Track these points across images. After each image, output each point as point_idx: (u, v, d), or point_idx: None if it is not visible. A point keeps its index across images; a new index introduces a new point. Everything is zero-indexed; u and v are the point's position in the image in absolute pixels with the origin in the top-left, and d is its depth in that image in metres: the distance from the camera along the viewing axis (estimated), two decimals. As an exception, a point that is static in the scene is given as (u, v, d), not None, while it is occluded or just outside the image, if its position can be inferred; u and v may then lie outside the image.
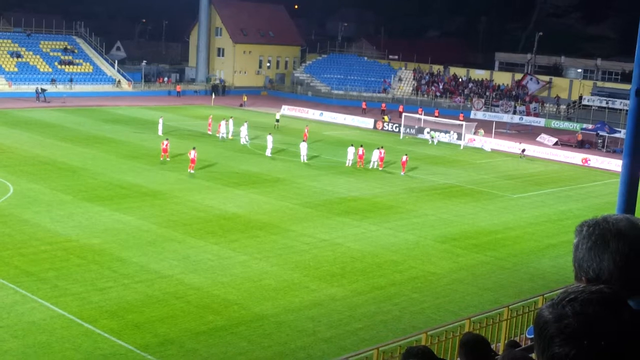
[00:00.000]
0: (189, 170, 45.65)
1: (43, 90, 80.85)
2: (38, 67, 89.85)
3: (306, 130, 60.39)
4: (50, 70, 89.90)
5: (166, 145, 49.56)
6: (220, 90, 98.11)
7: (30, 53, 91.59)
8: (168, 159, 48.98)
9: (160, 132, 59.49)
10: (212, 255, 29.62)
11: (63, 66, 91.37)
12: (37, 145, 52.07)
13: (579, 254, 2.56)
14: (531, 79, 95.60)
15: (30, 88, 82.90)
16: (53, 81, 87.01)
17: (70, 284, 25.44)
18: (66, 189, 39.46)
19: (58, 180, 41.32)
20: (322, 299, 25.63)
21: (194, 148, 46.94)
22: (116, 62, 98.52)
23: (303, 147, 52.43)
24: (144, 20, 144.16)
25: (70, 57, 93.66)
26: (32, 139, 55.00)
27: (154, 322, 22.76)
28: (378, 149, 52.23)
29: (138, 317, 23.04)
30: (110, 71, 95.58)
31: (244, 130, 58.69)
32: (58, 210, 35.11)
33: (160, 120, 61.21)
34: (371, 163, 51.38)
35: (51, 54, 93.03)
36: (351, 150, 51.61)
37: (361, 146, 52.44)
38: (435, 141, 66.15)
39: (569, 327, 2.14)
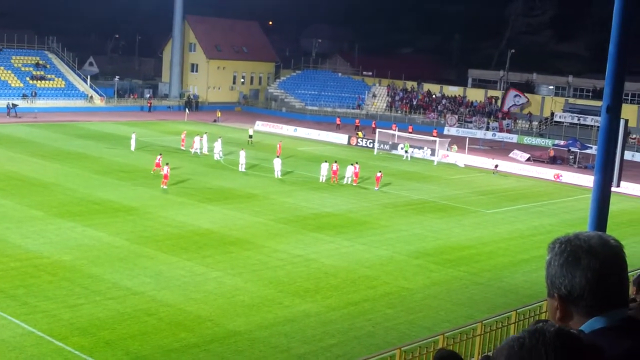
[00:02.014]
0: (161, 186, 45.38)
1: (14, 105, 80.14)
2: (9, 82, 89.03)
3: (279, 146, 60.33)
4: (21, 85, 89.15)
5: (159, 159, 49.79)
6: (193, 105, 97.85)
7: (2, 68, 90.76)
8: (153, 172, 48.89)
9: (132, 148, 59.20)
10: (185, 272, 29.41)
11: (35, 81, 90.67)
12: (7, 161, 51.51)
13: (551, 271, 2.55)
14: (515, 95, 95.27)
15: (1, 103, 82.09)
16: (25, 96, 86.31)
17: (41, 301, 25.11)
18: (37, 204, 39.05)
19: (29, 196, 40.88)
20: (295, 315, 25.52)
21: (167, 164, 46.72)
22: (89, 77, 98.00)
23: (277, 163, 52.39)
24: (117, 36, 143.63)
25: (42, 73, 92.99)
26: (3, 154, 54.41)
27: (126, 339, 22.51)
28: (352, 164, 52.33)
29: (109, 334, 22.77)
30: (83, 86, 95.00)
31: (217, 145, 58.57)
32: (28, 226, 34.71)
33: (133, 136, 60.87)
34: (345, 179, 51.44)
35: (23, 69, 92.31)
36: (325, 166, 51.62)
37: (335, 162, 52.53)
38: (409, 156, 66.38)
39: None
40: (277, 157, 54.02)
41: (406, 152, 67.00)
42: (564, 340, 2.15)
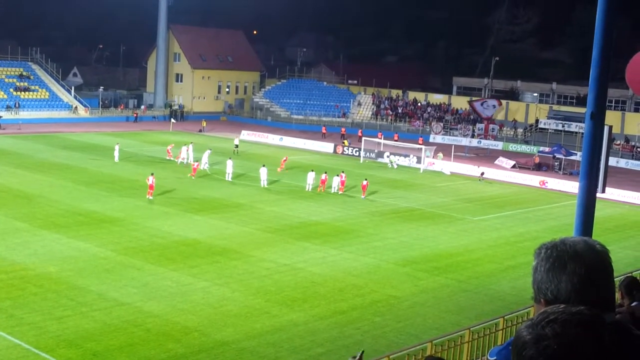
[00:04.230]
0: (147, 196, 45.21)
1: (-2, 116, 79.77)
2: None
3: (284, 160, 60.23)
4: (5, 96, 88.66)
5: (196, 165, 54.01)
6: (179, 115, 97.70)
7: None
8: (192, 177, 52.74)
9: (116, 159, 58.94)
10: (172, 282, 29.30)
11: (18, 92, 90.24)
12: (-8, 173, 51.19)
13: (537, 276, 2.57)
14: (483, 104, 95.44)
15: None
16: (8, 108, 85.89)
17: (27, 313, 24.94)
18: (22, 216, 38.82)
19: (14, 208, 40.63)
20: (283, 324, 25.47)
21: (152, 174, 46.54)
22: (73, 88, 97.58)
23: (263, 172, 52.32)
24: (101, 46, 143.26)
25: (26, 84, 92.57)
26: (-13, 166, 54.06)
27: (113, 350, 22.39)
28: (338, 174, 52.37)
29: (96, 346, 22.64)
30: (67, 97, 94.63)
31: (205, 156, 58.29)
32: (14, 238, 34.49)
33: (117, 147, 60.58)
34: (332, 188, 51.48)
35: (6, 80, 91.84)
36: (311, 175, 51.62)
37: (325, 172, 52.64)
38: (395, 165, 66.44)
39: (548, 348, 2.11)
40: (263, 166, 53.82)
41: (391, 162, 67.01)
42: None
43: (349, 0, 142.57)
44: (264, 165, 53.85)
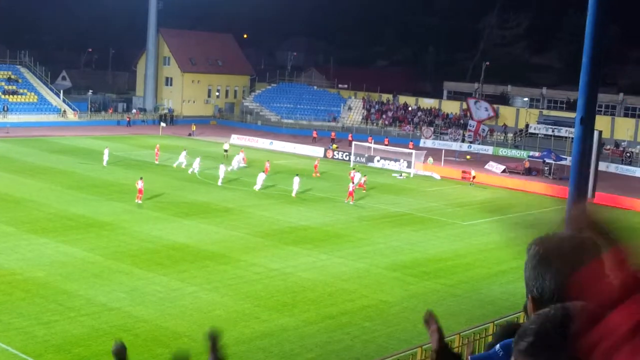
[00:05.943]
0: (136, 200, 45.01)
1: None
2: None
3: (316, 164, 62.16)
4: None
5: (267, 165, 56.48)
6: (168, 119, 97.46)
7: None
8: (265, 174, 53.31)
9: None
10: (161, 287, 29.16)
11: (7, 96, 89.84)
12: (-20, 176, 50.91)
13: (526, 273, 2.55)
14: (476, 103, 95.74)
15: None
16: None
17: (14, 318, 24.76)
18: (9, 220, 38.59)
19: (1, 212, 40.37)
20: (273, 329, 25.37)
21: (141, 178, 46.31)
22: (61, 91, 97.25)
23: (260, 178, 52.13)
24: (90, 50, 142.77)
25: (14, 87, 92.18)
26: (-25, 170, 53.77)
27: (101, 356, 22.21)
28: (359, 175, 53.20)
29: (85, 351, 22.49)
30: (56, 101, 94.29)
31: (198, 161, 58.08)
32: (1, 242, 34.26)
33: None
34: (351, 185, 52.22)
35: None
36: (297, 180, 51.29)
37: (353, 169, 54.74)
38: (403, 176, 65.10)
39: None
40: (262, 172, 53.73)
41: (401, 175, 66.38)
42: None
43: (339, 4, 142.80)
44: (262, 172, 53.75)
